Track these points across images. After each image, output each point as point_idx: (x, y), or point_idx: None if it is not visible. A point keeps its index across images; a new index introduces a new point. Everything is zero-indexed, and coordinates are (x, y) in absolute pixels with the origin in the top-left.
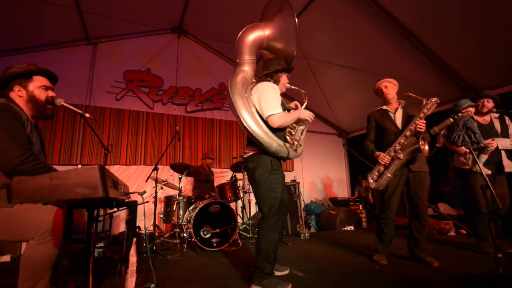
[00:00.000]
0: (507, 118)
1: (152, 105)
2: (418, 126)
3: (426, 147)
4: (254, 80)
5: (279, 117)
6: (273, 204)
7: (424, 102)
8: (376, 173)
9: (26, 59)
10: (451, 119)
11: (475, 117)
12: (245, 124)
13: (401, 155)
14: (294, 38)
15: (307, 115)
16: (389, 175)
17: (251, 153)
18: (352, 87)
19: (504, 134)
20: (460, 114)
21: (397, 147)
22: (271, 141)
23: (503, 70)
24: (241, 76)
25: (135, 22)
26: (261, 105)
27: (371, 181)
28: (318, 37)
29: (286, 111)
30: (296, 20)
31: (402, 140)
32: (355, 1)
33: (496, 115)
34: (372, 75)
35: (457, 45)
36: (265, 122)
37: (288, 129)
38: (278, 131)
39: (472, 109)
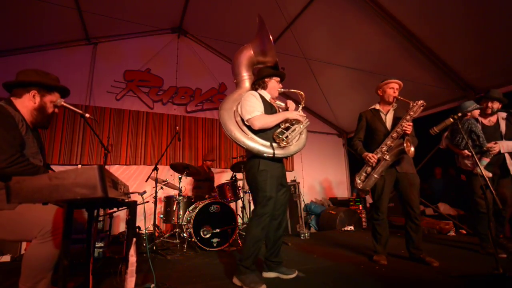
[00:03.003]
0: None
1: (152, 105)
2: (404, 128)
3: (412, 149)
4: None
5: (257, 119)
6: (260, 201)
7: (411, 104)
8: (364, 173)
9: (26, 59)
10: (451, 119)
11: (480, 118)
12: (228, 133)
13: (387, 157)
14: (272, 48)
15: (296, 115)
16: (376, 176)
17: (247, 158)
18: (352, 87)
19: (509, 135)
20: (465, 118)
21: (384, 149)
22: (254, 144)
23: (503, 69)
24: (237, 93)
25: (135, 22)
26: (241, 112)
27: (359, 181)
28: (318, 37)
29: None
30: (270, 36)
31: (389, 142)
32: (355, 1)
33: (504, 115)
34: (372, 75)
35: (457, 45)
36: (250, 128)
37: (280, 130)
38: (265, 133)
39: (477, 111)
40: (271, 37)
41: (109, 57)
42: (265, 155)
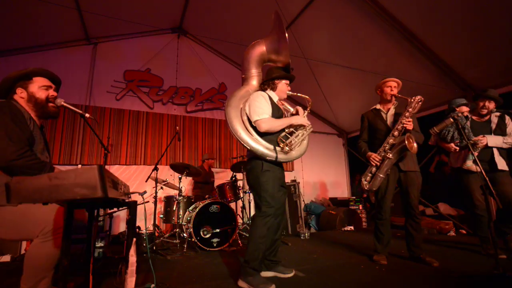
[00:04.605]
0: (507, 117)
1: (152, 105)
2: (404, 124)
3: (414, 145)
4: None
5: (265, 122)
6: (264, 201)
7: (409, 100)
8: (369, 174)
9: (27, 59)
10: (451, 119)
11: (473, 116)
12: (233, 132)
13: (390, 155)
14: (286, 48)
15: (301, 121)
16: (381, 175)
17: (248, 158)
18: (352, 87)
19: (498, 132)
20: (453, 114)
21: (387, 147)
22: (258, 146)
23: (503, 70)
24: (244, 90)
25: (135, 22)
26: (249, 112)
27: (365, 182)
28: (318, 37)
29: (285, 117)
30: (286, 34)
31: (391, 140)
32: (355, 1)
33: (498, 113)
34: (372, 75)
35: (457, 45)
36: (255, 129)
37: (284, 134)
38: (269, 135)
39: (466, 108)
40: (286, 35)
41: (109, 57)
42: (267, 158)
